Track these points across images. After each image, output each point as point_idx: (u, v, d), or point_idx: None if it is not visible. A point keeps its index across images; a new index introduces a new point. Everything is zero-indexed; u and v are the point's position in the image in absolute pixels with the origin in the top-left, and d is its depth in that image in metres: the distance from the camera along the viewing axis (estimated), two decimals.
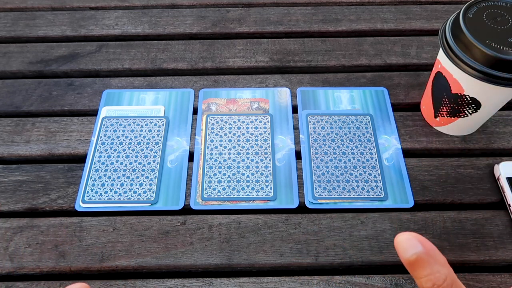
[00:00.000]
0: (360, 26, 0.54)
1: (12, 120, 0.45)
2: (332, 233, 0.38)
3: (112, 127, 0.44)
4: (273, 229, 0.38)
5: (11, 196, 0.40)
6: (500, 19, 0.35)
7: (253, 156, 0.42)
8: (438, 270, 0.21)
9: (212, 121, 0.45)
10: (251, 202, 0.39)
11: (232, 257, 0.36)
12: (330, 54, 0.51)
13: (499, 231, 0.38)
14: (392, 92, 0.48)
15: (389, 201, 0.39)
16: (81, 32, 0.54)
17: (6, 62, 0.51)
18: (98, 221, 0.38)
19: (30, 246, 0.37)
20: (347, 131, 0.44)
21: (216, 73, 0.50)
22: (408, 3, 0.58)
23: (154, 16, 0.56)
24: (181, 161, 0.42)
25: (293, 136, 0.44)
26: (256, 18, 0.55)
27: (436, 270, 0.21)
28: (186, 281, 0.35)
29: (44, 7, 0.57)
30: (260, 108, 0.46)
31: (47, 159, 0.43)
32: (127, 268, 0.36)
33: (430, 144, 0.43)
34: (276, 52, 0.51)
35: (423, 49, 0.51)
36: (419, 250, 0.22)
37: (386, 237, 0.37)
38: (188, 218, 0.39)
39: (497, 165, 0.40)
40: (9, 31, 0.54)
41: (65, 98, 0.47)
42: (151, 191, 0.40)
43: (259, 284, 0.35)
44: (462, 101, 0.39)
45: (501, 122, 0.45)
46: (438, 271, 0.21)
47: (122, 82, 0.49)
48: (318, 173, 0.41)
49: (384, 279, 0.35)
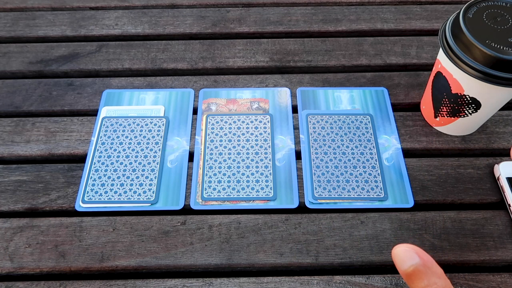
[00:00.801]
0: (360, 26, 0.54)
1: (12, 120, 0.45)
2: (332, 233, 0.38)
3: (112, 127, 0.44)
4: (273, 229, 0.38)
5: (11, 196, 0.40)
6: (500, 19, 0.35)
7: (253, 156, 0.42)
8: (435, 282, 0.22)
9: (212, 121, 0.45)
10: (251, 202, 0.39)
11: (232, 257, 0.36)
12: (330, 54, 0.51)
13: (499, 231, 0.38)
14: (392, 92, 0.48)
15: (389, 201, 0.39)
16: (81, 32, 0.54)
17: (6, 62, 0.51)
18: (98, 221, 0.38)
19: (30, 246, 0.37)
20: (347, 131, 0.44)
21: (216, 73, 0.50)
22: (408, 3, 0.58)
23: (154, 16, 0.56)
24: (181, 161, 0.42)
25: (293, 136, 0.44)
26: (256, 18, 0.55)
27: (433, 281, 0.22)
28: (186, 281, 0.35)
29: (44, 7, 0.57)
30: (260, 108, 0.46)
31: (47, 159, 0.43)
32: (127, 268, 0.36)
33: (430, 144, 0.43)
34: (276, 52, 0.51)
35: (423, 49, 0.51)
36: (416, 262, 0.22)
37: (386, 237, 0.37)
38: (188, 218, 0.39)
39: (497, 165, 0.40)
40: (9, 31, 0.54)
41: (65, 98, 0.47)
42: (151, 191, 0.40)
43: (259, 284, 0.35)
44: (462, 101, 0.39)
45: (501, 122, 0.45)
46: (435, 283, 0.22)
47: (122, 82, 0.49)
48: (318, 173, 0.41)
49: (384, 279, 0.35)
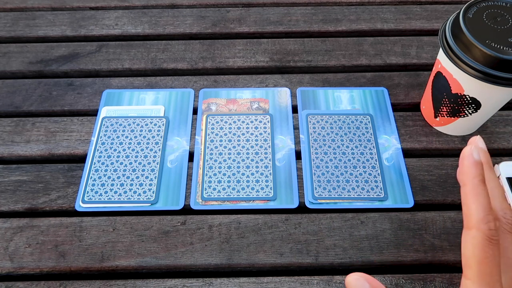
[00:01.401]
0: (360, 26, 0.54)
1: (12, 120, 0.45)
2: (332, 233, 0.38)
3: (112, 127, 0.44)
4: (273, 229, 0.38)
5: (11, 196, 0.40)
6: (500, 19, 0.35)
7: (253, 156, 0.42)
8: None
9: (212, 121, 0.45)
10: (251, 202, 0.39)
11: (232, 257, 0.36)
12: (330, 54, 0.51)
13: None
14: (392, 92, 0.48)
15: (389, 201, 0.39)
16: (81, 32, 0.54)
17: (6, 62, 0.51)
18: (98, 221, 0.38)
19: (30, 246, 0.37)
20: (347, 131, 0.44)
21: (216, 73, 0.50)
22: (408, 3, 0.58)
23: (154, 16, 0.56)
24: (181, 161, 0.42)
25: (293, 136, 0.44)
26: (256, 18, 0.55)
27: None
28: (186, 281, 0.35)
29: (44, 7, 0.57)
30: (260, 108, 0.46)
31: (47, 159, 0.43)
32: (127, 268, 0.36)
33: (430, 144, 0.43)
34: (276, 52, 0.51)
35: (423, 49, 0.51)
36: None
37: (386, 237, 0.37)
38: (188, 218, 0.39)
39: (497, 165, 0.40)
40: (9, 31, 0.54)
41: (65, 98, 0.47)
42: (151, 191, 0.40)
43: (259, 284, 0.35)
44: (462, 101, 0.39)
45: (501, 122, 0.45)
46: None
47: (122, 82, 0.49)
48: (318, 173, 0.41)
49: (384, 279, 0.35)
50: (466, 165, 0.23)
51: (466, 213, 0.23)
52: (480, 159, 0.23)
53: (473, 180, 0.22)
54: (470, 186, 0.22)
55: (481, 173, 0.23)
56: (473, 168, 0.22)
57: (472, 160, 0.23)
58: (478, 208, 0.22)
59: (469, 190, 0.22)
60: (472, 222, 0.22)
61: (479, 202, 0.22)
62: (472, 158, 0.23)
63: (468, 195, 0.22)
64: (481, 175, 0.22)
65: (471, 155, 0.23)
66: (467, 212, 0.22)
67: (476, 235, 0.22)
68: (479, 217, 0.22)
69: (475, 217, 0.22)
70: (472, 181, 0.22)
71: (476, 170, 0.22)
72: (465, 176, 0.23)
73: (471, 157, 0.23)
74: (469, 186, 0.22)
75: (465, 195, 0.23)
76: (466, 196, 0.23)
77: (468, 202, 0.22)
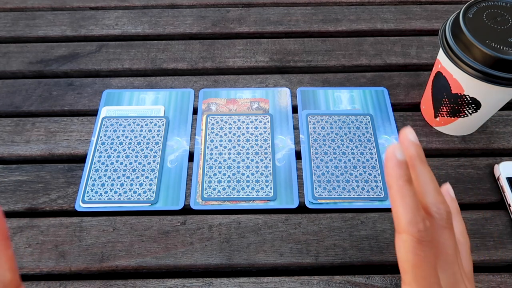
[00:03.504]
0: (360, 26, 0.54)
1: (12, 120, 0.45)
2: (332, 233, 0.38)
3: (112, 127, 0.44)
4: (273, 229, 0.38)
5: (11, 196, 0.40)
6: (500, 19, 0.35)
7: (253, 156, 0.42)
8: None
9: (212, 121, 0.45)
10: (251, 202, 0.39)
11: (232, 257, 0.36)
12: (330, 54, 0.51)
13: (499, 231, 0.38)
14: (392, 92, 0.48)
15: (389, 201, 0.39)
16: (81, 32, 0.54)
17: (6, 62, 0.51)
18: (98, 221, 0.38)
19: (30, 246, 0.37)
20: (347, 131, 0.44)
21: (216, 73, 0.50)
22: (408, 3, 0.58)
23: (154, 16, 0.56)
24: (181, 161, 0.42)
25: (293, 136, 0.44)
26: (256, 18, 0.55)
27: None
28: (186, 281, 0.35)
29: (44, 7, 0.57)
30: (260, 108, 0.46)
31: (47, 159, 0.43)
32: (127, 268, 0.36)
33: (430, 144, 0.43)
34: (276, 52, 0.51)
35: (423, 49, 0.51)
36: None
37: (386, 237, 0.37)
38: (188, 218, 0.39)
39: (497, 165, 0.40)
40: (9, 31, 0.54)
41: (65, 98, 0.47)
42: (151, 191, 0.40)
43: (259, 284, 0.35)
44: (462, 101, 0.39)
45: (501, 122, 0.45)
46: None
47: (122, 82, 0.49)
48: (318, 173, 0.41)
49: (384, 279, 0.35)
50: (389, 166, 0.21)
51: (394, 217, 0.22)
52: (404, 159, 0.21)
53: (397, 181, 0.21)
54: (396, 188, 0.21)
55: (406, 173, 0.21)
56: (396, 169, 0.21)
57: (395, 161, 0.21)
58: (405, 210, 0.21)
59: (394, 193, 0.21)
60: (401, 226, 0.21)
61: (406, 204, 0.21)
62: (395, 159, 0.21)
63: (394, 198, 0.22)
64: (405, 175, 0.21)
65: (393, 155, 0.21)
66: (395, 216, 0.22)
67: (406, 239, 0.21)
68: (407, 220, 0.21)
69: (403, 220, 0.21)
70: (396, 183, 0.21)
71: (399, 171, 0.21)
72: (389, 178, 0.22)
73: (393, 158, 0.21)
74: (394, 188, 0.21)
75: (392, 198, 0.22)
76: (392, 199, 0.22)
77: (395, 205, 0.22)
